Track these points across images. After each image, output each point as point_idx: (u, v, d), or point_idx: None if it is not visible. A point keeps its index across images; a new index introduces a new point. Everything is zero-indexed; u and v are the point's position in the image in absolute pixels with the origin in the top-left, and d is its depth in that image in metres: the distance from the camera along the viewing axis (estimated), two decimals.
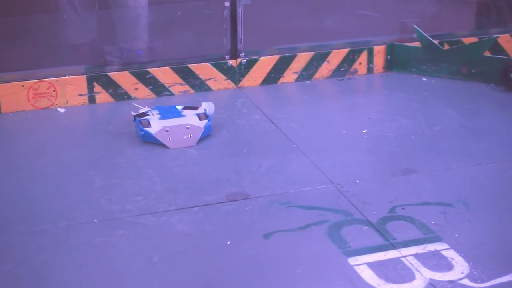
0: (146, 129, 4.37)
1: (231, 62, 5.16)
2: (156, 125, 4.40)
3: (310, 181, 3.98)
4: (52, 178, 4.03)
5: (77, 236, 3.52)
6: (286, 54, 5.26)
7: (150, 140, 4.36)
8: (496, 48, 5.50)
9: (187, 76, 5.07)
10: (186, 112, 4.57)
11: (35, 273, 3.25)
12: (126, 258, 3.36)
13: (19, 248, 3.43)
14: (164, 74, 5.04)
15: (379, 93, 5.28)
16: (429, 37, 5.33)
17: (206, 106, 4.65)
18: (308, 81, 5.29)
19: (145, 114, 4.53)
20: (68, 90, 4.89)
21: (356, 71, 5.41)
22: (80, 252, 3.40)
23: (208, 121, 4.47)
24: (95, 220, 3.64)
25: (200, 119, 4.47)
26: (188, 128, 4.38)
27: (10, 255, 3.37)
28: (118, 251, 3.41)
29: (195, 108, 4.60)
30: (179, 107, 4.62)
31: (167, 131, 4.36)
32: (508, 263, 3.27)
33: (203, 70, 5.10)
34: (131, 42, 5.16)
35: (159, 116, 4.48)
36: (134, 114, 4.55)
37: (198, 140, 4.39)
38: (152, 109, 4.60)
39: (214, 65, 5.12)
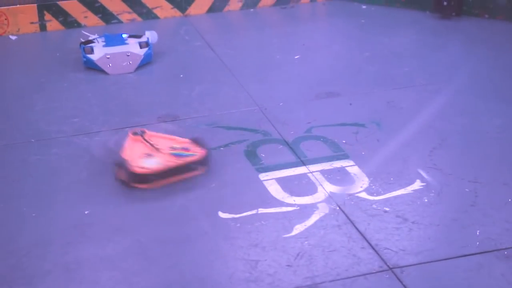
0: (89, 55, 4.63)
1: None
2: (98, 52, 4.65)
3: (237, 104, 4.25)
4: None
5: (14, 154, 3.80)
6: None
7: (92, 66, 4.62)
8: None
9: (134, 4, 5.29)
10: (130, 40, 4.82)
11: None
12: (57, 174, 3.64)
13: None
14: (112, 2, 5.27)
15: (318, 21, 5.51)
16: None
17: (149, 35, 4.89)
18: (252, 9, 5.51)
19: (91, 41, 4.78)
20: (20, 18, 5.11)
21: None
22: (14, 169, 3.68)
23: (149, 49, 4.73)
24: (32, 140, 3.92)
25: (141, 47, 4.72)
26: (128, 55, 4.64)
27: None
28: (50, 168, 3.69)
29: (139, 37, 4.85)
30: (124, 35, 4.87)
31: (108, 58, 4.61)
32: (405, 178, 3.54)
33: None
34: None
35: (104, 43, 4.74)
36: (82, 41, 4.80)
37: (138, 67, 4.65)
38: (99, 37, 4.84)
39: None
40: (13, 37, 5.08)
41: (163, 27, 5.20)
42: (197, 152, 3.59)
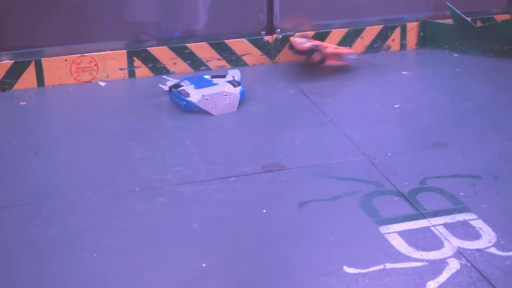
0: (188, 98, 4.52)
1: (267, 38, 5.28)
2: (194, 94, 4.56)
3: (343, 153, 4.10)
4: (95, 149, 4.19)
5: (120, 203, 3.67)
6: (321, 30, 5.37)
7: (193, 109, 4.51)
8: None
9: (224, 51, 5.20)
10: (216, 80, 4.72)
11: (80, 238, 3.40)
12: (166, 224, 3.51)
13: (65, 215, 3.59)
14: (202, 49, 5.18)
15: (411, 69, 5.38)
16: (461, 14, 5.41)
17: (234, 74, 4.79)
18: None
19: (178, 85, 4.69)
20: (109, 64, 5.04)
21: (389, 47, 5.51)
22: (122, 218, 3.56)
23: (242, 87, 4.63)
24: (137, 189, 3.79)
25: (234, 86, 4.63)
26: (225, 95, 4.54)
27: (57, 221, 3.53)
28: (159, 218, 3.56)
29: (223, 76, 4.76)
30: (206, 76, 4.78)
31: (207, 99, 4.51)
32: None
33: (239, 45, 5.23)
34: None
35: (193, 86, 4.64)
36: (169, 85, 4.70)
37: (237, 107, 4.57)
38: (182, 80, 4.75)
39: (250, 41, 5.25)
40: (103, 83, 4.99)
41: (253, 74, 5.10)
42: None
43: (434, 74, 5.13)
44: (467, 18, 5.42)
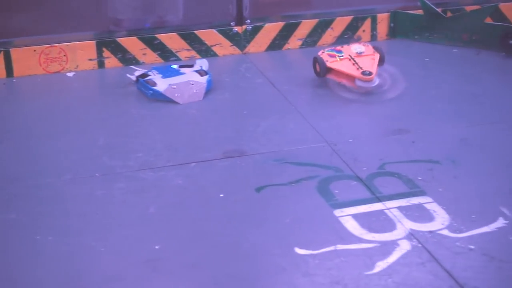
0: (154, 87, 4.55)
1: (237, 29, 5.30)
2: (161, 83, 4.58)
3: (305, 140, 4.13)
4: (58, 136, 4.21)
5: (79, 189, 3.70)
6: (291, 21, 5.39)
7: (160, 98, 4.54)
8: (499, 15, 5.59)
9: (194, 41, 5.22)
10: (184, 70, 4.76)
11: (36, 222, 3.43)
12: (123, 209, 3.54)
13: (24, 200, 3.61)
14: (171, 40, 5.20)
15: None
16: (431, 5, 5.44)
17: (201, 63, 4.82)
18: (312, 47, 5.42)
19: (145, 74, 4.71)
20: (78, 55, 5.06)
21: (359, 38, 5.53)
22: (80, 203, 3.58)
23: (209, 76, 4.66)
24: (97, 175, 3.82)
25: (200, 75, 4.66)
26: (192, 84, 4.57)
27: (15, 206, 3.56)
28: (116, 202, 3.58)
29: (191, 66, 4.79)
30: (174, 66, 4.81)
31: (174, 88, 4.54)
32: (487, 216, 3.40)
33: (209, 36, 5.25)
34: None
35: (161, 75, 4.67)
36: (137, 75, 4.72)
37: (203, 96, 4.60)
38: (149, 70, 4.77)
39: (220, 32, 5.27)
40: (71, 74, 5.01)
41: (223, 64, 5.12)
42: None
43: (403, 64, 5.13)
44: (437, 9, 5.44)
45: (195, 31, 5.23)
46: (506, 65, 5.14)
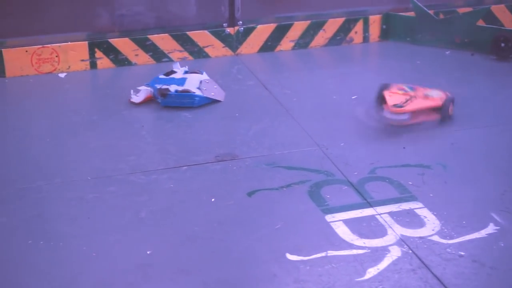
0: (199, 93, 4.54)
1: (229, 30, 5.30)
2: (195, 90, 4.57)
3: (297, 143, 4.13)
4: (50, 138, 4.21)
5: (70, 192, 3.69)
6: (283, 23, 5.40)
7: (204, 102, 4.56)
8: (491, 18, 5.61)
9: (186, 43, 5.22)
10: (177, 75, 4.67)
11: (28, 226, 3.42)
12: (115, 212, 3.53)
13: (15, 203, 3.61)
14: (163, 41, 5.20)
15: (372, 61, 5.42)
16: (423, 7, 5.45)
17: (179, 66, 4.78)
18: (304, 49, 5.43)
19: (165, 89, 4.56)
20: (70, 55, 5.05)
21: (352, 40, 5.54)
22: (72, 207, 3.57)
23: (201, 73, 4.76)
24: (89, 178, 3.81)
25: (200, 73, 4.75)
26: (207, 82, 4.67)
27: (6, 209, 3.55)
28: (108, 206, 3.58)
29: (175, 72, 4.72)
30: (162, 76, 4.69)
31: (205, 90, 4.59)
32: (478, 222, 3.41)
33: (201, 37, 5.25)
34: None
35: (176, 84, 4.57)
36: (159, 89, 4.56)
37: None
38: (151, 85, 4.63)
39: (212, 33, 5.27)
40: (62, 75, 5.00)
41: (215, 65, 5.12)
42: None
43: (395, 66, 5.16)
44: (429, 11, 5.45)
45: (187, 32, 5.23)
46: (498, 68, 5.15)
